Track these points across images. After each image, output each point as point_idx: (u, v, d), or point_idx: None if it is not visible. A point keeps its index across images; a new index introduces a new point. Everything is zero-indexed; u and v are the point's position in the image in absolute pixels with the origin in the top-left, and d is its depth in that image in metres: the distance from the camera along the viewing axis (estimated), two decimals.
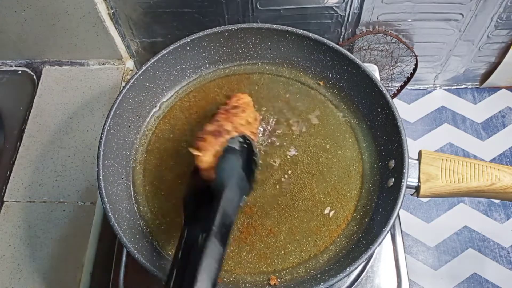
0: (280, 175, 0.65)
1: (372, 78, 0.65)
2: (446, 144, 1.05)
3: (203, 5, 0.83)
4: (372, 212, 0.62)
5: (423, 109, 1.10)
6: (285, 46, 0.72)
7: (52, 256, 0.75)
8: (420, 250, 0.95)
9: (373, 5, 0.85)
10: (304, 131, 0.68)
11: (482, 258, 0.94)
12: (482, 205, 0.99)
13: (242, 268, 0.59)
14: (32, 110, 0.90)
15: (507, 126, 1.07)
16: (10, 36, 0.89)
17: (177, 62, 0.71)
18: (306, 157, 0.66)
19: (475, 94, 1.11)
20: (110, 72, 0.94)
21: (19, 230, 0.78)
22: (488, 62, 1.03)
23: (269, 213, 0.62)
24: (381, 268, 0.69)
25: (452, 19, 0.89)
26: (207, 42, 0.70)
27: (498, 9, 0.86)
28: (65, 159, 0.84)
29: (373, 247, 0.54)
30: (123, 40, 0.92)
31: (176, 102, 0.72)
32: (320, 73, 0.72)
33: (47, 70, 0.95)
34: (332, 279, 0.53)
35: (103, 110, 0.89)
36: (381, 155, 0.65)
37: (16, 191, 0.81)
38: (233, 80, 0.73)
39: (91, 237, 0.76)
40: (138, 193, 0.65)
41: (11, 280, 0.74)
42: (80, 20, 0.84)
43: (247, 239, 0.61)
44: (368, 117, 0.68)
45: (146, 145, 0.68)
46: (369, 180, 0.64)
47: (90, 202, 0.79)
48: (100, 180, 0.60)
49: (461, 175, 0.59)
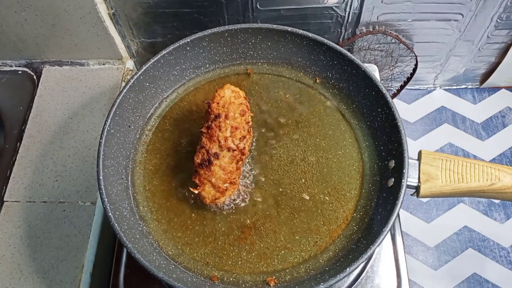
0: (280, 175, 0.65)
1: (372, 78, 0.65)
2: (446, 144, 1.05)
3: (203, 5, 0.83)
4: (372, 212, 0.62)
5: (423, 109, 1.10)
6: (285, 46, 0.72)
7: (52, 256, 0.75)
8: (420, 250, 0.95)
9: (373, 5, 0.85)
10: (304, 131, 0.68)
11: (482, 258, 0.94)
12: (482, 205, 0.99)
13: (242, 268, 0.59)
14: (32, 110, 0.90)
15: (507, 126, 1.07)
16: (10, 36, 0.89)
17: (177, 62, 0.71)
18: (306, 157, 0.66)
19: (475, 94, 1.11)
20: (110, 72, 0.94)
21: (19, 230, 0.78)
22: (488, 62, 1.03)
23: (269, 213, 0.62)
24: (381, 268, 0.69)
25: (452, 19, 0.89)
26: (207, 42, 0.70)
27: (498, 9, 0.86)
28: (65, 159, 0.84)
29: (373, 247, 0.54)
30: (123, 40, 0.92)
31: (176, 102, 0.72)
32: (320, 73, 0.72)
33: (47, 70, 0.95)
34: (332, 279, 0.53)
35: (103, 110, 0.89)
36: (381, 155, 0.65)
37: (16, 191, 0.81)
38: (233, 80, 0.73)
39: (91, 237, 0.76)
40: (138, 193, 0.65)
41: (11, 280, 0.74)
42: (80, 20, 0.84)
43: (247, 239, 0.61)
44: (368, 117, 0.68)
45: (146, 145, 0.68)
46: (369, 180, 0.64)
47: (90, 202, 0.79)
48: (100, 180, 0.60)
49: (461, 175, 0.59)
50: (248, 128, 0.61)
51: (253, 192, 0.64)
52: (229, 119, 0.59)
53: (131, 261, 0.70)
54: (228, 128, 0.59)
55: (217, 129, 0.58)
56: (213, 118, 0.59)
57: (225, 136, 0.58)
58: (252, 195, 0.64)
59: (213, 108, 0.60)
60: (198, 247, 0.61)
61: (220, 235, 0.61)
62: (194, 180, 0.59)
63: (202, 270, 0.59)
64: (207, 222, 0.62)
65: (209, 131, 0.59)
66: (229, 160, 0.59)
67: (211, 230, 0.62)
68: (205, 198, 0.60)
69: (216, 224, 0.62)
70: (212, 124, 0.59)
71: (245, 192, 0.64)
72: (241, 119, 0.60)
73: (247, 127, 0.61)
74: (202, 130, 0.60)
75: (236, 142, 0.59)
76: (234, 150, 0.59)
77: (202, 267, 0.59)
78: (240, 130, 0.59)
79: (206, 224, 0.62)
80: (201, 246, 0.61)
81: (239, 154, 0.60)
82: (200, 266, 0.60)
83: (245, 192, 0.64)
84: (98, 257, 0.76)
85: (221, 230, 0.61)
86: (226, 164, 0.59)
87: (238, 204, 0.63)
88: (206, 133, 0.59)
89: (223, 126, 0.58)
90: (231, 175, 0.59)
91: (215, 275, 0.59)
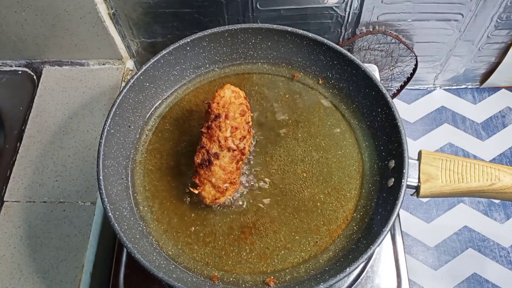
0: (280, 175, 0.65)
1: (372, 78, 0.65)
2: (446, 144, 1.05)
3: (203, 5, 0.83)
4: (372, 212, 0.62)
5: (423, 109, 1.10)
6: (285, 46, 0.72)
7: (52, 256, 0.75)
8: (420, 250, 0.95)
9: (373, 5, 0.85)
10: (304, 131, 0.68)
11: (482, 258, 0.94)
12: (482, 205, 0.99)
13: (242, 268, 0.59)
14: (32, 110, 0.90)
15: (507, 126, 1.07)
16: (10, 36, 0.89)
17: (177, 62, 0.71)
18: (306, 157, 0.66)
19: (475, 94, 1.11)
20: (110, 72, 0.94)
21: (19, 230, 0.78)
22: (488, 62, 1.03)
23: (269, 213, 0.62)
24: (381, 268, 0.69)
25: (452, 19, 0.89)
26: (207, 42, 0.70)
27: (498, 9, 0.86)
28: (65, 159, 0.84)
29: (373, 247, 0.54)
30: (123, 40, 0.92)
31: (176, 102, 0.72)
32: (320, 73, 0.72)
33: (47, 70, 0.95)
34: (332, 279, 0.53)
35: (103, 110, 0.89)
36: (381, 155, 0.65)
37: (16, 191, 0.81)
38: (233, 80, 0.73)
39: (91, 237, 0.76)
40: (138, 193, 0.65)
41: (11, 280, 0.74)
42: (80, 20, 0.84)
43: (247, 239, 0.61)
44: (368, 117, 0.68)
45: (146, 145, 0.68)
46: (369, 180, 0.64)
47: (90, 202, 0.79)
48: (100, 180, 0.60)
49: (461, 175, 0.59)
50: (248, 128, 0.61)
51: (253, 192, 0.64)
52: (229, 119, 0.59)
53: (131, 261, 0.70)
54: (228, 128, 0.59)
55: (217, 129, 0.58)
56: (213, 118, 0.59)
57: (225, 136, 0.58)
58: (252, 195, 0.64)
59: (213, 108, 0.60)
60: (198, 247, 0.61)
61: (220, 235, 0.61)
62: (194, 180, 0.59)
63: (202, 270, 0.59)
64: (207, 222, 0.62)
65: (209, 131, 0.59)
66: (229, 160, 0.59)
67: (211, 230, 0.62)
68: (205, 198, 0.60)
69: (216, 224, 0.62)
70: (212, 124, 0.59)
71: (245, 192, 0.64)
72: (241, 119, 0.60)
73: (247, 127, 0.61)
74: (202, 130, 0.60)
75: (236, 142, 0.59)
76: (234, 150, 0.59)
77: (202, 267, 0.59)
78: (240, 130, 0.59)
79: (206, 224, 0.62)
80: (201, 246, 0.61)
81: (239, 154, 0.60)
82: (200, 266, 0.60)
83: (245, 192, 0.64)
84: (98, 257, 0.76)
85: (221, 230, 0.61)
86: (226, 164, 0.59)
87: (238, 204, 0.63)
88: (206, 133, 0.59)
89: (223, 126, 0.58)
90: (231, 175, 0.59)
91: (215, 275, 0.59)
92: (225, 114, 0.59)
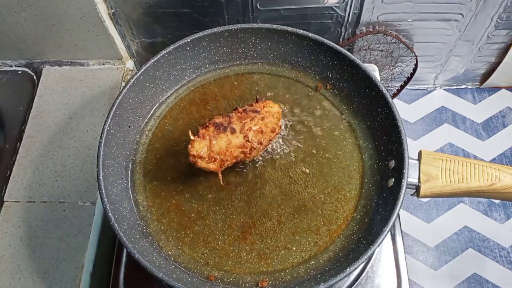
0: (280, 175, 0.65)
1: (372, 78, 0.65)
2: (446, 144, 1.05)
3: (203, 5, 0.83)
4: (372, 212, 0.62)
5: (423, 109, 1.10)
6: (285, 46, 0.72)
7: (52, 256, 0.75)
8: (420, 250, 0.95)
9: (373, 5, 0.85)
10: (304, 131, 0.68)
11: (482, 258, 0.94)
12: (482, 205, 0.99)
13: (242, 268, 0.59)
14: (32, 110, 0.90)
15: (507, 126, 1.07)
16: (10, 36, 0.89)
17: (177, 62, 0.71)
18: (306, 157, 0.66)
19: (475, 94, 1.11)
20: (110, 72, 0.94)
21: (19, 230, 0.78)
22: (488, 62, 1.03)
23: (269, 213, 0.62)
24: (381, 268, 0.69)
25: (452, 19, 0.89)
26: (207, 42, 0.70)
27: (498, 9, 0.86)
28: (65, 159, 0.84)
29: (373, 247, 0.54)
30: (123, 40, 0.92)
31: (176, 102, 0.72)
32: (320, 73, 0.72)
33: (47, 70, 0.95)
34: (332, 279, 0.53)
35: (103, 110, 0.89)
36: (381, 155, 0.65)
37: (16, 191, 0.81)
38: (233, 80, 0.73)
39: (91, 237, 0.76)
40: (138, 193, 0.65)
41: (11, 280, 0.74)
42: (80, 20, 0.84)
43: (247, 239, 0.61)
44: (368, 117, 0.68)
45: (146, 145, 0.68)
46: (369, 180, 0.64)
47: (90, 202, 0.79)
48: (100, 180, 0.59)
49: (461, 175, 0.59)
50: (266, 143, 0.63)
51: (253, 192, 0.64)
52: (263, 121, 0.61)
53: (131, 261, 0.70)
54: (257, 125, 0.61)
55: (250, 117, 0.61)
56: (252, 110, 0.62)
57: (251, 127, 0.60)
58: (252, 195, 0.64)
59: (258, 105, 0.63)
60: (198, 247, 0.61)
61: (220, 235, 0.61)
62: (200, 129, 0.58)
63: (202, 270, 0.59)
64: (207, 222, 0.62)
65: (243, 114, 0.61)
66: (238, 144, 0.59)
67: (211, 230, 0.62)
68: (193, 147, 0.57)
69: (216, 224, 0.62)
70: (249, 112, 0.61)
71: (245, 192, 0.64)
72: (269, 131, 0.62)
73: (266, 141, 0.62)
74: (238, 109, 0.62)
75: (254, 139, 0.60)
76: (248, 141, 0.60)
77: (202, 267, 0.59)
78: (263, 136, 0.61)
79: (206, 224, 0.62)
80: (201, 246, 0.61)
81: (247, 150, 0.60)
82: (200, 266, 0.60)
83: (245, 192, 0.64)
84: (98, 257, 0.76)
85: (221, 230, 0.61)
86: (232, 144, 0.59)
87: (238, 204, 0.63)
88: (240, 113, 0.61)
89: (255, 120, 0.61)
90: (227, 155, 0.59)
91: (215, 275, 0.59)
92: (263, 116, 0.61)
